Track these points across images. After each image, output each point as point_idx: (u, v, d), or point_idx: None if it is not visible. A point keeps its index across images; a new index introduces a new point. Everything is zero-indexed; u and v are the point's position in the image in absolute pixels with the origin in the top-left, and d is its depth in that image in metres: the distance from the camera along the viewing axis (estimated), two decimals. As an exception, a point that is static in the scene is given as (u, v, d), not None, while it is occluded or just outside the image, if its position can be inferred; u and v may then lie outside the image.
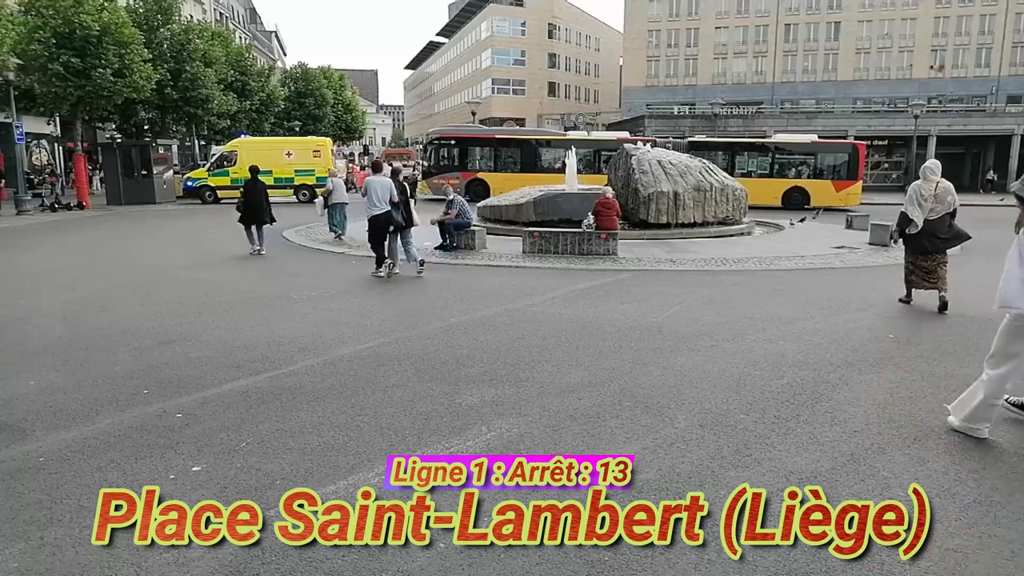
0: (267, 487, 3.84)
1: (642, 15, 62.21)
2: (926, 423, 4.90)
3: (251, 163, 14.51)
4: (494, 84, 71.99)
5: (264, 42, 75.92)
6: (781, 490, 3.33)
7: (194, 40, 32.72)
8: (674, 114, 52.65)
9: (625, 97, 66.56)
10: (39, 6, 24.85)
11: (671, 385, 5.70)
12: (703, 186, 16.33)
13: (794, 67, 60.18)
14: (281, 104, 46.33)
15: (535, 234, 13.41)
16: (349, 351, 6.67)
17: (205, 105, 33.78)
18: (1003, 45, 55.31)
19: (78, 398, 5.34)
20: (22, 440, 4.56)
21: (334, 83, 57.58)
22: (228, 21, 61.17)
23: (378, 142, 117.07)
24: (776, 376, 5.94)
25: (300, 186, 28.30)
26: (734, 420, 4.92)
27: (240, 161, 27.04)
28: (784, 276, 11.44)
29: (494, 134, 32.19)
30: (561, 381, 5.78)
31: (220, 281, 10.75)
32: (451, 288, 9.98)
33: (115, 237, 16.94)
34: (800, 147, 29.17)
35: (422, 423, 4.84)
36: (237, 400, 5.30)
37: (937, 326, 7.75)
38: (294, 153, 28.56)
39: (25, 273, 11.72)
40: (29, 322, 7.96)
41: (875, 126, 46.18)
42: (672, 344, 6.99)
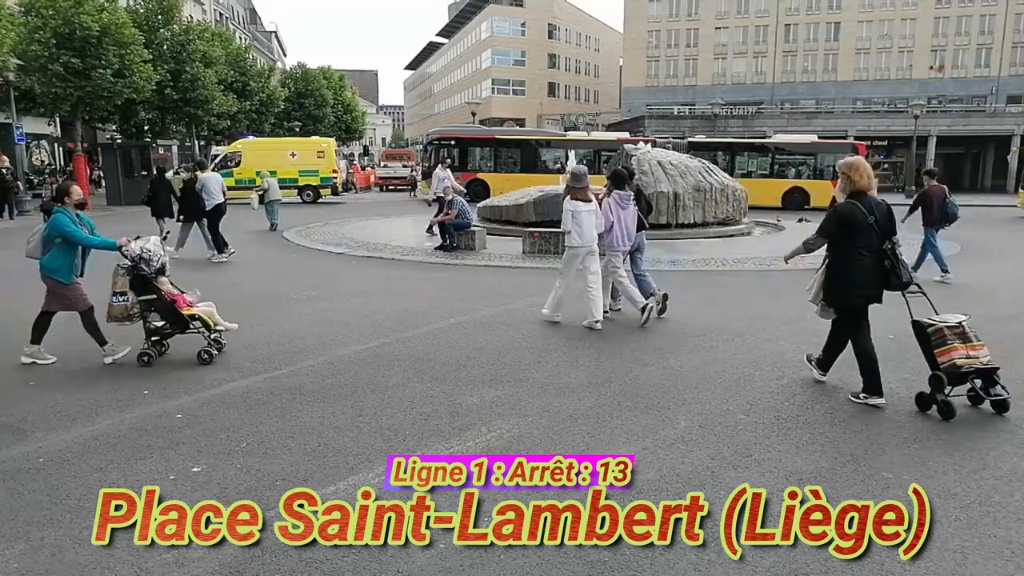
0: (267, 487, 3.84)
1: (642, 15, 62.21)
2: (927, 423, 4.90)
3: (256, 164, 14.59)
4: (494, 84, 71.99)
5: (264, 42, 75.93)
6: (781, 490, 3.33)
7: (194, 40, 32.70)
8: (674, 114, 52.61)
9: (625, 97, 66.57)
10: (39, 6, 24.83)
11: (671, 385, 5.70)
12: (703, 186, 16.33)
13: (794, 67, 60.18)
14: (281, 104, 46.30)
15: (535, 234, 13.41)
16: (349, 351, 6.67)
17: (205, 105, 33.76)
18: (1003, 45, 55.31)
19: (78, 398, 5.34)
20: (22, 440, 4.56)
21: (334, 83, 57.53)
22: (228, 21, 61.20)
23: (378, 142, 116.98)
24: (776, 376, 5.94)
25: (304, 187, 28.26)
26: (734, 420, 4.92)
27: (244, 162, 27.08)
28: (784, 276, 11.43)
29: (494, 134, 32.21)
30: (561, 381, 5.78)
31: (220, 281, 10.74)
32: (451, 288, 9.97)
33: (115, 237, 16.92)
34: (800, 147, 29.18)
35: (422, 423, 4.85)
36: (237, 400, 5.30)
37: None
38: (298, 154, 28.53)
39: (25, 273, 11.71)
40: (29, 322, 7.95)
41: (875, 126, 46.22)
42: (672, 344, 6.99)
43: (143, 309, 6.23)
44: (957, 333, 5.08)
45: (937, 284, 10.24)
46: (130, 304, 6.23)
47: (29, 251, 6.23)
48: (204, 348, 6.24)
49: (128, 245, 6.12)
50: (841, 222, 5.18)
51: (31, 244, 6.18)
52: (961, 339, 5.06)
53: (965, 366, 4.96)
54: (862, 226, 5.06)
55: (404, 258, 12.84)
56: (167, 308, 6.21)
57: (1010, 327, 7.80)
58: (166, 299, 6.21)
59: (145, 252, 6.08)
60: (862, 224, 5.06)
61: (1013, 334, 7.48)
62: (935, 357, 5.08)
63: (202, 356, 6.21)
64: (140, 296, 6.20)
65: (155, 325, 6.27)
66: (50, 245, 6.06)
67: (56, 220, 6.02)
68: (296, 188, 28.10)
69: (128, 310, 6.24)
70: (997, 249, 15.18)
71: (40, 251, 6.12)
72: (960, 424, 4.87)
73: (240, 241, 13.89)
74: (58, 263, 6.07)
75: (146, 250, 6.11)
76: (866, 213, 5.07)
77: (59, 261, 6.07)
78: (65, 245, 6.05)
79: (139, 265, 6.09)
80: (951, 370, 4.96)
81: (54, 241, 6.03)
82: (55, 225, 6.01)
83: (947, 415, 4.90)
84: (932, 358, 5.11)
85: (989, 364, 5.03)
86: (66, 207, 6.17)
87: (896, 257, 5.13)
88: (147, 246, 6.17)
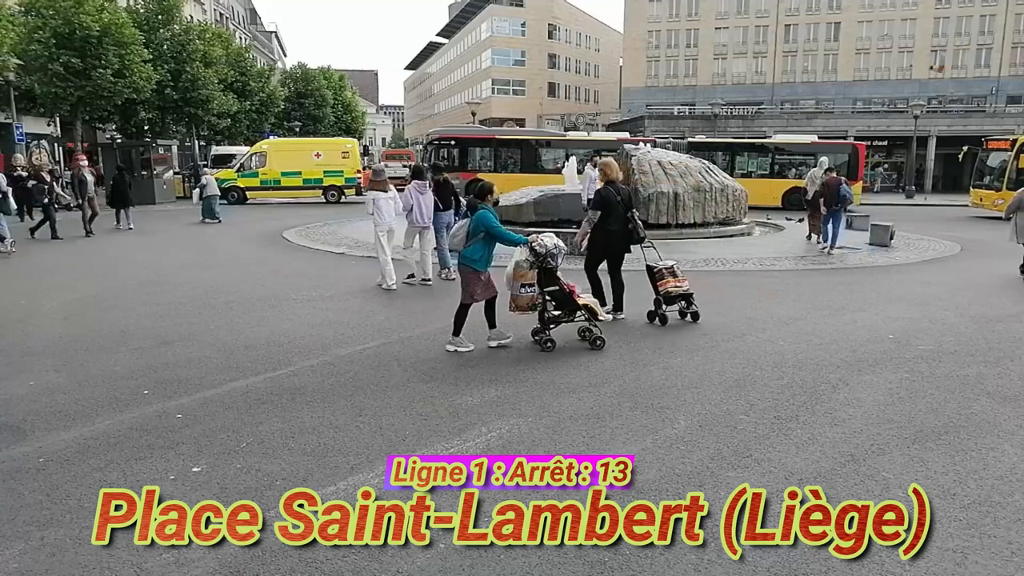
0: (267, 487, 3.84)
1: (642, 15, 62.16)
2: (926, 423, 4.90)
3: (282, 165, 14.72)
4: (494, 84, 71.96)
5: (264, 42, 75.88)
6: (781, 490, 3.33)
7: (194, 40, 32.67)
8: (674, 114, 52.52)
9: (625, 97, 66.53)
10: (39, 6, 24.82)
11: (671, 385, 5.70)
12: (703, 186, 16.32)
13: (794, 67, 60.13)
14: (281, 104, 46.27)
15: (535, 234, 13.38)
16: (349, 351, 6.68)
17: (205, 105, 33.72)
18: (1003, 45, 55.27)
19: (78, 398, 5.34)
20: (22, 440, 4.56)
21: (334, 83, 57.50)
22: (228, 21, 61.16)
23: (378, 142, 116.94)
24: (776, 376, 5.94)
25: (329, 187, 28.18)
26: (734, 420, 4.92)
27: (270, 162, 27.22)
28: (784, 276, 11.44)
29: (494, 135, 32.17)
30: (561, 381, 5.78)
31: (220, 281, 10.75)
32: (451, 288, 9.96)
33: (115, 237, 16.93)
34: (800, 147, 29.16)
35: (422, 423, 4.85)
36: (237, 400, 5.30)
37: (937, 326, 7.75)
38: (323, 154, 28.49)
39: (25, 273, 11.72)
40: (29, 322, 7.96)
41: (875, 126, 46.14)
42: (672, 344, 7.00)
43: (545, 299, 6.80)
44: (670, 271, 7.73)
45: (938, 286, 10.24)
46: (535, 295, 6.78)
47: (455, 244, 6.97)
48: (597, 336, 6.85)
49: (539, 240, 6.67)
50: (603, 201, 7.64)
51: (457, 238, 6.93)
52: (672, 275, 7.72)
53: (675, 292, 7.69)
54: (614, 203, 7.63)
55: (404, 258, 12.83)
56: (565, 298, 6.85)
57: (1010, 327, 7.80)
58: (565, 289, 6.83)
59: (553, 248, 6.66)
60: (614, 202, 7.63)
61: (1013, 334, 7.49)
62: (658, 287, 7.73)
63: (596, 343, 6.83)
64: (545, 288, 6.78)
65: (553, 314, 6.86)
66: (474, 238, 6.73)
67: (483, 216, 6.72)
68: (321, 188, 28.03)
69: (533, 300, 6.82)
70: (997, 249, 15.18)
71: (464, 243, 6.79)
72: (954, 425, 4.88)
73: (240, 241, 13.89)
74: (478, 254, 6.74)
75: (556, 246, 6.68)
76: (616, 194, 7.65)
77: (479, 252, 6.74)
78: (487, 238, 6.73)
79: (546, 259, 6.66)
80: (666, 295, 7.69)
81: (478, 235, 6.70)
82: (482, 220, 6.70)
83: (663, 323, 7.68)
84: (656, 288, 7.75)
85: (688, 291, 7.74)
86: (487, 204, 6.89)
87: (635, 221, 7.75)
88: (556, 242, 6.72)
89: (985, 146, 25.31)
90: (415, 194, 10.11)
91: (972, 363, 6.38)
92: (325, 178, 28.07)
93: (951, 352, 6.73)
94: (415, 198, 10.10)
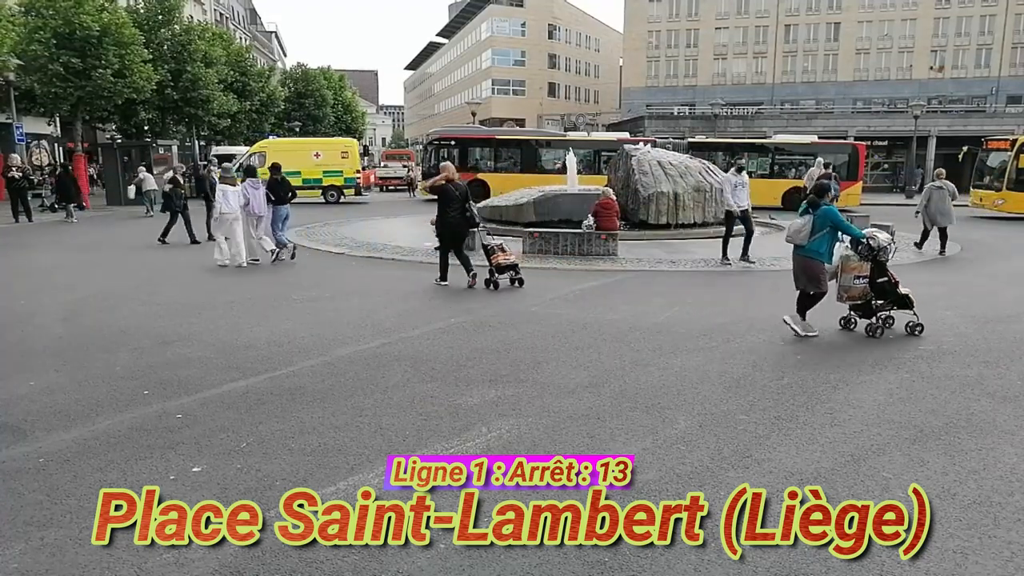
0: (267, 487, 3.84)
1: (642, 16, 62.17)
2: (926, 423, 4.90)
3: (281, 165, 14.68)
4: (494, 84, 71.96)
5: (264, 42, 75.88)
6: (781, 490, 3.32)
7: (194, 40, 32.66)
8: (674, 115, 52.53)
9: (625, 98, 66.53)
10: (39, 6, 24.80)
11: (671, 385, 5.70)
12: (703, 187, 16.32)
13: (794, 68, 60.14)
14: (281, 104, 46.25)
15: (535, 235, 13.41)
16: (349, 351, 6.68)
17: (205, 105, 33.70)
18: (1003, 46, 55.27)
19: (78, 398, 5.34)
20: (22, 440, 4.56)
21: (334, 84, 57.47)
22: (228, 21, 61.17)
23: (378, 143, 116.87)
24: (776, 376, 5.94)
25: (328, 187, 28.13)
26: (734, 420, 4.92)
27: (269, 162, 27.07)
28: (784, 276, 11.39)
29: (494, 135, 32.15)
30: (561, 381, 5.78)
31: (220, 281, 10.75)
32: (451, 289, 9.97)
33: (115, 237, 16.93)
34: (800, 148, 29.16)
35: (422, 423, 4.85)
36: (237, 400, 5.30)
37: (937, 326, 7.75)
38: (322, 154, 28.40)
39: (25, 273, 11.72)
40: (29, 322, 7.96)
41: (875, 126, 46.15)
42: (672, 344, 6.99)
43: (873, 290, 7.18)
44: (500, 248, 10.05)
45: (938, 286, 10.23)
46: (866, 286, 7.21)
47: (799, 239, 7.22)
48: (917, 324, 7.24)
49: (876, 236, 7.06)
50: (442, 194, 9.82)
51: (801, 234, 7.18)
52: (502, 251, 10.02)
53: (504, 263, 9.93)
54: (454, 196, 9.78)
55: (404, 258, 12.84)
56: (891, 289, 7.17)
57: (1010, 327, 7.80)
58: (892, 280, 7.16)
59: (885, 243, 7.00)
60: (454, 195, 9.78)
61: (1013, 334, 7.48)
62: (491, 260, 9.98)
63: (915, 330, 7.25)
64: (877, 279, 7.15)
65: (877, 303, 7.25)
66: (818, 232, 7.09)
67: (830, 211, 7.13)
68: (320, 188, 27.93)
69: (865, 292, 7.24)
70: (997, 249, 15.18)
71: (808, 238, 7.12)
72: (954, 425, 4.88)
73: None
74: (824, 247, 7.17)
75: (889, 241, 7.04)
76: (455, 190, 9.81)
77: (824, 246, 7.16)
78: (832, 233, 7.12)
79: (879, 254, 7.00)
80: (497, 266, 9.90)
81: (823, 230, 7.07)
82: (828, 215, 7.08)
83: (496, 287, 9.80)
84: (490, 261, 10.00)
85: (514, 262, 10.04)
86: (826, 201, 7.23)
87: (471, 211, 10.07)
88: (888, 237, 7.13)
89: (985, 146, 25.32)
90: (250, 190, 12.38)
91: (972, 363, 6.38)
92: (324, 178, 28.00)
93: (951, 352, 6.73)
94: (250, 193, 12.34)
